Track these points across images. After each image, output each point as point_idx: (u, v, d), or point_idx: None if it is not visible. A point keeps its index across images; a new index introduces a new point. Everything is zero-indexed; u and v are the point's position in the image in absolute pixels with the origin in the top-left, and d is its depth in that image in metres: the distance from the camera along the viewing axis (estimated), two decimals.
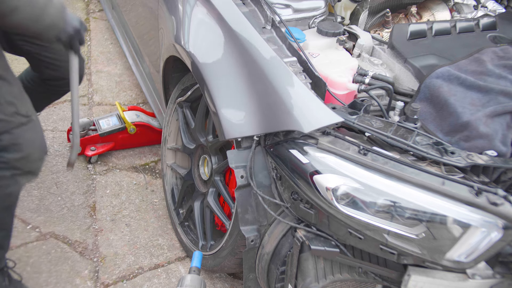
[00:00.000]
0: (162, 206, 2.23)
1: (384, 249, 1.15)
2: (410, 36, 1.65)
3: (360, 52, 1.65)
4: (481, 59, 1.48)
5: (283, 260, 1.35)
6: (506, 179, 1.19)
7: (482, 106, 1.32)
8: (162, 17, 1.89)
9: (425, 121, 1.35)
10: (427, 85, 1.40)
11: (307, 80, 1.33)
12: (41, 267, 1.86)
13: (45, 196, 2.17)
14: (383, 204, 1.11)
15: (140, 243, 2.04)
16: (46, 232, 2.01)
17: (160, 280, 1.90)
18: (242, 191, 1.39)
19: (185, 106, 1.90)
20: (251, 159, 1.35)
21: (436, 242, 1.09)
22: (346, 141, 1.19)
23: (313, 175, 1.17)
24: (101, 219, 2.11)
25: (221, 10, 1.54)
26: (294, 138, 1.25)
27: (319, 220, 1.24)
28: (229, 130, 1.38)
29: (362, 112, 1.28)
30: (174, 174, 2.09)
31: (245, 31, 1.45)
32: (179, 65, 1.81)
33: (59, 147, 2.47)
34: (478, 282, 1.15)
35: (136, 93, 2.98)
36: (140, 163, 2.48)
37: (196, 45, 1.58)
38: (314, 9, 1.69)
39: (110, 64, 3.21)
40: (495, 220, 1.05)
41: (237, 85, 1.41)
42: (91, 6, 3.86)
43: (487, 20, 1.78)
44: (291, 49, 1.42)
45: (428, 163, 1.15)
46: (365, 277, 1.26)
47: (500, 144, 1.24)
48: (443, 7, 2.02)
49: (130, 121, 2.43)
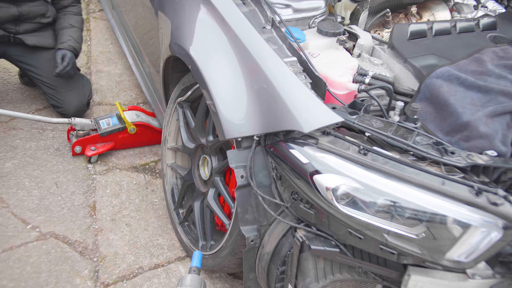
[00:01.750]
0: (162, 206, 2.23)
1: (384, 249, 1.15)
2: (410, 36, 1.65)
3: (360, 52, 1.65)
4: (481, 59, 1.48)
5: (283, 260, 1.35)
6: (506, 179, 1.19)
7: (482, 106, 1.32)
8: (162, 17, 1.89)
9: (425, 121, 1.35)
10: (427, 85, 1.40)
11: (307, 80, 1.33)
12: (41, 267, 1.86)
13: (45, 196, 2.17)
14: (383, 204, 1.11)
15: (140, 243, 2.04)
16: (46, 232, 2.01)
17: (160, 280, 1.90)
18: (242, 191, 1.39)
19: (185, 106, 1.90)
20: (251, 159, 1.35)
21: (436, 242, 1.09)
22: (346, 141, 1.19)
23: (313, 175, 1.17)
24: (101, 219, 2.11)
25: (221, 10, 1.53)
26: (294, 138, 1.25)
27: (319, 220, 1.24)
28: (229, 130, 1.38)
29: (362, 112, 1.27)
30: (174, 174, 2.09)
31: (245, 31, 1.45)
32: (179, 65, 1.81)
33: (59, 147, 2.47)
34: (478, 282, 1.15)
35: (136, 93, 2.98)
36: (140, 163, 2.48)
37: (196, 45, 1.58)
38: (314, 9, 1.69)
39: (110, 64, 3.21)
40: (495, 220, 1.05)
41: (237, 85, 1.41)
42: (91, 6, 3.86)
43: (487, 20, 1.78)
44: (291, 49, 1.42)
45: (428, 163, 1.15)
46: (365, 277, 1.26)
47: (500, 144, 1.24)
48: (443, 7, 2.02)
49: (130, 121, 2.44)
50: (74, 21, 2.55)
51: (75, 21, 2.56)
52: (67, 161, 2.39)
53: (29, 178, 2.24)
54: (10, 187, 2.18)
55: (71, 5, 2.57)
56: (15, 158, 2.34)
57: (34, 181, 2.23)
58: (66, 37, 2.46)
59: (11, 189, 2.17)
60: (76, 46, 2.49)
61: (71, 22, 2.53)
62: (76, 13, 2.59)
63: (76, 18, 2.57)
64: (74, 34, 2.50)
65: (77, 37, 2.51)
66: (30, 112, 2.64)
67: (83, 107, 2.63)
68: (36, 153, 2.40)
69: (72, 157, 2.42)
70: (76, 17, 2.58)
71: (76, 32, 2.53)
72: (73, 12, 2.57)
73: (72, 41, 2.47)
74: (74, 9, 2.58)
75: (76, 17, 2.58)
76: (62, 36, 2.47)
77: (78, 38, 2.53)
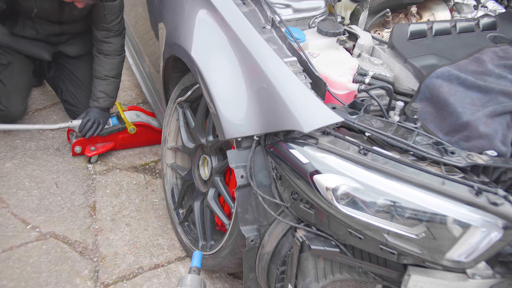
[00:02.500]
0: (162, 206, 2.23)
1: (384, 249, 1.15)
2: (410, 36, 1.65)
3: (360, 52, 1.65)
4: (481, 59, 1.48)
5: (283, 260, 1.35)
6: (506, 179, 1.19)
7: (482, 106, 1.32)
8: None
9: (425, 121, 1.35)
10: (427, 85, 1.40)
11: (307, 80, 1.33)
12: (41, 267, 1.86)
13: (45, 196, 2.17)
14: (383, 204, 1.11)
15: (140, 243, 2.04)
16: (46, 232, 2.00)
17: (160, 280, 1.90)
18: (242, 191, 1.39)
19: (185, 106, 1.90)
20: (251, 159, 1.35)
21: (436, 242, 1.09)
22: (346, 141, 1.19)
23: (313, 175, 1.17)
24: (101, 219, 2.11)
25: (221, 10, 1.53)
26: (294, 138, 1.25)
27: (319, 220, 1.24)
28: (229, 130, 1.38)
29: (362, 112, 1.27)
30: (174, 174, 2.09)
31: (245, 31, 1.45)
32: (179, 65, 1.81)
33: (59, 147, 2.47)
34: (478, 282, 1.15)
35: (136, 93, 2.98)
36: (140, 163, 2.48)
37: (196, 45, 1.58)
38: (314, 9, 1.69)
39: None
40: (495, 220, 1.05)
41: (237, 85, 1.41)
42: None
43: (487, 20, 1.78)
44: (291, 49, 1.42)
45: (428, 163, 1.15)
46: (365, 277, 1.26)
47: (500, 144, 1.24)
48: (443, 7, 2.02)
49: (130, 121, 2.44)
50: (109, 68, 2.32)
51: (111, 68, 2.33)
52: (67, 161, 2.39)
53: (29, 178, 2.24)
54: (10, 187, 2.18)
55: (107, 41, 2.30)
56: (15, 158, 2.34)
57: (34, 181, 2.23)
58: (98, 94, 2.32)
59: (11, 189, 2.17)
60: (107, 104, 2.35)
61: (105, 71, 2.32)
62: (114, 53, 2.33)
63: (113, 63, 2.33)
64: (107, 89, 2.33)
65: (110, 92, 2.35)
66: (30, 112, 2.64)
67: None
68: (36, 153, 2.40)
69: (72, 157, 2.42)
70: (113, 61, 2.33)
71: (110, 85, 2.35)
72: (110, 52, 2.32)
73: (103, 99, 2.32)
74: (111, 48, 2.32)
75: (113, 61, 2.33)
76: (94, 91, 2.33)
77: (111, 91, 2.36)
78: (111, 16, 2.21)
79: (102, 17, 2.20)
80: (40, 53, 2.37)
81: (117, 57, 2.34)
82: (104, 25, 2.23)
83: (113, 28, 2.26)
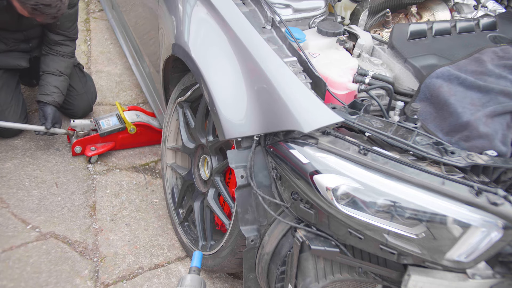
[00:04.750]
0: (162, 206, 2.23)
1: (384, 249, 1.15)
2: (410, 36, 1.65)
3: (360, 52, 1.65)
4: (481, 59, 1.48)
5: (283, 260, 1.35)
6: (506, 179, 1.19)
7: (482, 106, 1.32)
8: (162, 17, 1.89)
9: (425, 121, 1.35)
10: (427, 85, 1.40)
11: (307, 80, 1.33)
12: (41, 267, 1.86)
13: (45, 196, 2.17)
14: (383, 204, 1.11)
15: (140, 243, 2.04)
16: (46, 232, 2.01)
17: (160, 280, 1.90)
18: (242, 191, 1.39)
19: (185, 106, 1.90)
20: (251, 159, 1.35)
21: (436, 242, 1.09)
22: (346, 141, 1.19)
23: (313, 175, 1.17)
24: (101, 219, 2.11)
25: (221, 10, 1.53)
26: (294, 138, 1.25)
27: (319, 220, 1.24)
28: (229, 130, 1.38)
29: (362, 112, 1.27)
30: (174, 174, 2.09)
31: (245, 31, 1.45)
32: (179, 65, 1.81)
33: (59, 147, 2.47)
34: (478, 282, 1.15)
35: (136, 93, 2.98)
36: (140, 163, 2.48)
37: (196, 45, 1.58)
38: (314, 9, 1.69)
39: (110, 64, 3.21)
40: (495, 220, 1.05)
41: (237, 85, 1.41)
42: (91, 6, 3.86)
43: (487, 20, 1.78)
44: (291, 49, 1.42)
45: (428, 163, 1.15)
46: (365, 277, 1.26)
47: (500, 144, 1.24)
48: (443, 7, 2.02)
49: (130, 121, 2.44)
50: (64, 66, 2.38)
51: (66, 66, 2.39)
52: (67, 161, 2.39)
53: (29, 178, 2.24)
54: (10, 187, 2.18)
55: (64, 43, 2.37)
56: (15, 158, 2.34)
57: (34, 181, 2.23)
58: (52, 88, 2.33)
59: (11, 189, 2.17)
60: (60, 100, 2.37)
61: (61, 68, 2.37)
62: (69, 54, 2.41)
63: (67, 62, 2.40)
64: (61, 85, 2.37)
65: (63, 89, 2.38)
66: (29, 112, 2.64)
67: (90, 109, 2.66)
68: (36, 153, 2.40)
69: (72, 157, 2.42)
70: (67, 60, 2.40)
71: (64, 82, 2.39)
72: (65, 53, 2.39)
73: (58, 95, 2.34)
74: (67, 50, 2.39)
75: (67, 60, 2.40)
76: (47, 87, 2.33)
77: (64, 89, 2.39)
78: (68, 23, 2.33)
79: (60, 24, 2.31)
80: (16, 63, 2.39)
81: (71, 59, 2.45)
82: (61, 31, 2.34)
83: (69, 34, 2.38)
